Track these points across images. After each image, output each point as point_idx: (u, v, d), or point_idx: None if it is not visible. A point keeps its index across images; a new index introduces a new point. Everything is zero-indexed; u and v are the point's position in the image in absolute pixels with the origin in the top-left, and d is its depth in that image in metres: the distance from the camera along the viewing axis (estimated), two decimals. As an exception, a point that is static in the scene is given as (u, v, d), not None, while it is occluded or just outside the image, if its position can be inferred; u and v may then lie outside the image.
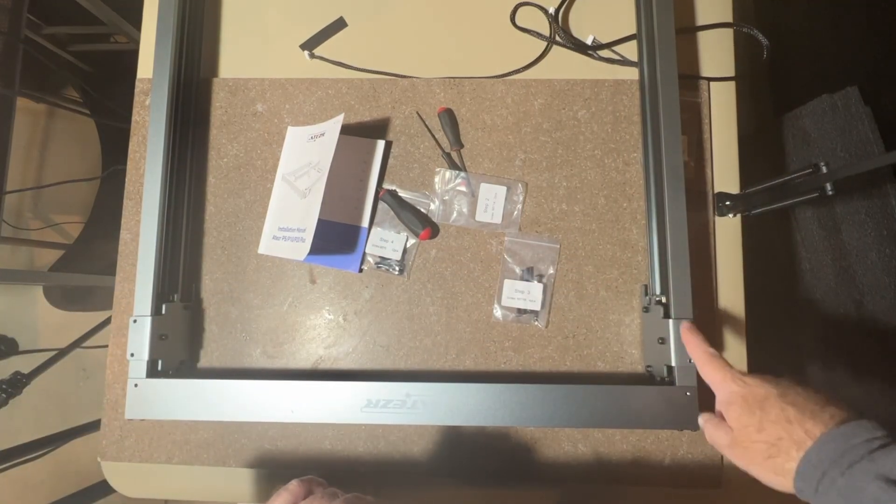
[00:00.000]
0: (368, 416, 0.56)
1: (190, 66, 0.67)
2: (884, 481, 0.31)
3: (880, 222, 0.82)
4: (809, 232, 0.96)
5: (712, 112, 0.67)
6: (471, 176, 0.66)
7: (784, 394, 0.40)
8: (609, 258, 0.64)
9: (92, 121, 1.65)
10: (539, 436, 0.62)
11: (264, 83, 0.69)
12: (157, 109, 0.62)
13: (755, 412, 0.40)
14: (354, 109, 0.68)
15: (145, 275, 0.58)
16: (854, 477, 0.32)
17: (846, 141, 0.86)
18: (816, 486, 0.34)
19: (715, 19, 0.68)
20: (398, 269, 0.64)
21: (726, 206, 0.64)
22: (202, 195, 0.67)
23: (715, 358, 0.48)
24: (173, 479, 0.64)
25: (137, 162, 0.68)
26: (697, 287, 0.57)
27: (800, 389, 0.41)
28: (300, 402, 0.57)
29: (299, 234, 0.61)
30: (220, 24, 0.72)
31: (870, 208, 0.84)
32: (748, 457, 0.40)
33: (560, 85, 0.67)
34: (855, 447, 0.33)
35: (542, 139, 0.66)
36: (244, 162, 0.68)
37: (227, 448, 0.63)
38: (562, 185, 0.65)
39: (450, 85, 0.68)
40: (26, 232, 1.64)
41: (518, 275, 0.64)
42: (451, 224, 0.65)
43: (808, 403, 0.39)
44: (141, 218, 0.59)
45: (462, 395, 0.55)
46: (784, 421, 0.38)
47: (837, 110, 0.88)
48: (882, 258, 0.82)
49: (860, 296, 0.86)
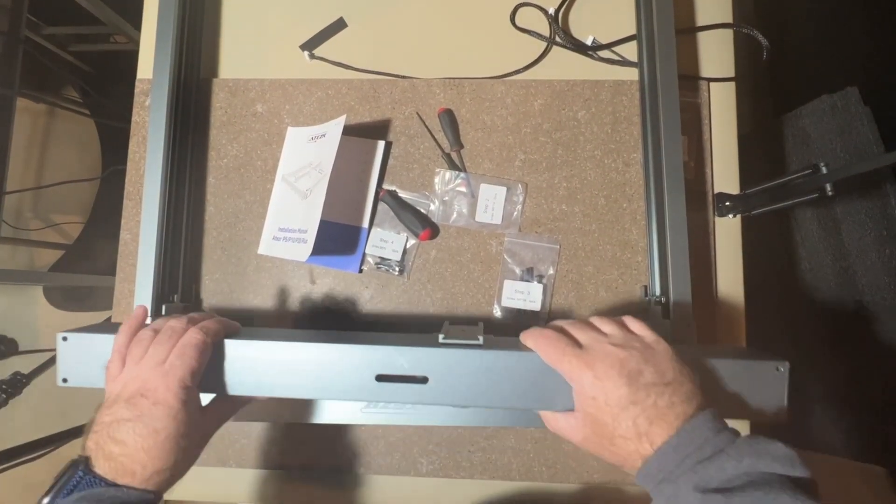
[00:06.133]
0: (368, 416, 0.56)
1: (190, 67, 0.67)
2: (700, 492, 0.34)
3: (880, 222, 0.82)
4: (809, 232, 0.96)
5: (712, 112, 0.67)
6: (471, 176, 0.66)
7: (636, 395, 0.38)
8: (609, 258, 0.64)
9: (92, 121, 1.65)
10: (539, 436, 0.62)
11: (264, 84, 0.69)
12: (157, 110, 0.62)
13: (608, 423, 0.39)
14: (354, 110, 0.68)
15: (145, 275, 0.58)
16: (678, 487, 0.35)
17: (846, 141, 0.86)
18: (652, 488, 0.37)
19: (715, 19, 0.68)
20: (398, 270, 0.64)
21: (726, 207, 0.64)
22: (202, 195, 0.67)
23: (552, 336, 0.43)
24: (173, 480, 0.64)
25: (137, 162, 0.68)
26: (697, 287, 0.57)
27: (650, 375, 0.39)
28: (301, 402, 0.57)
29: (300, 234, 0.61)
30: (220, 24, 0.72)
31: (870, 208, 0.84)
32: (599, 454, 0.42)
33: (560, 85, 0.67)
34: (688, 457, 0.36)
35: (542, 140, 0.66)
36: (244, 162, 0.68)
37: (227, 448, 0.63)
38: (562, 185, 0.65)
39: (450, 85, 0.68)
40: (26, 232, 1.64)
41: (518, 275, 0.64)
42: (451, 224, 0.65)
43: (660, 401, 0.38)
44: (141, 218, 0.59)
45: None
46: (635, 436, 0.38)
47: (837, 110, 0.88)
48: (882, 258, 0.82)
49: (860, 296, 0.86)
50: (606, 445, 0.40)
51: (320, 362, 0.46)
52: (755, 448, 0.35)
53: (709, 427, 0.37)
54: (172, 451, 0.41)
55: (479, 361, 0.45)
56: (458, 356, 0.46)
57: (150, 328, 0.46)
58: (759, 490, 0.33)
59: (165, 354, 0.43)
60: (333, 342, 0.47)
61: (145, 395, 0.41)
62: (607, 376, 0.39)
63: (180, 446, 0.41)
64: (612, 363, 0.40)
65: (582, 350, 0.42)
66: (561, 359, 0.42)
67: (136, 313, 0.49)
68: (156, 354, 0.43)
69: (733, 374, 0.45)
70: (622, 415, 0.38)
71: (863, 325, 0.87)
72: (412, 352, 0.46)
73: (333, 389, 0.46)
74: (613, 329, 0.44)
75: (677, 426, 0.37)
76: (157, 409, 0.41)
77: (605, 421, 0.39)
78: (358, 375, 0.46)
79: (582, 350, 0.42)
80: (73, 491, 0.38)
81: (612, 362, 0.40)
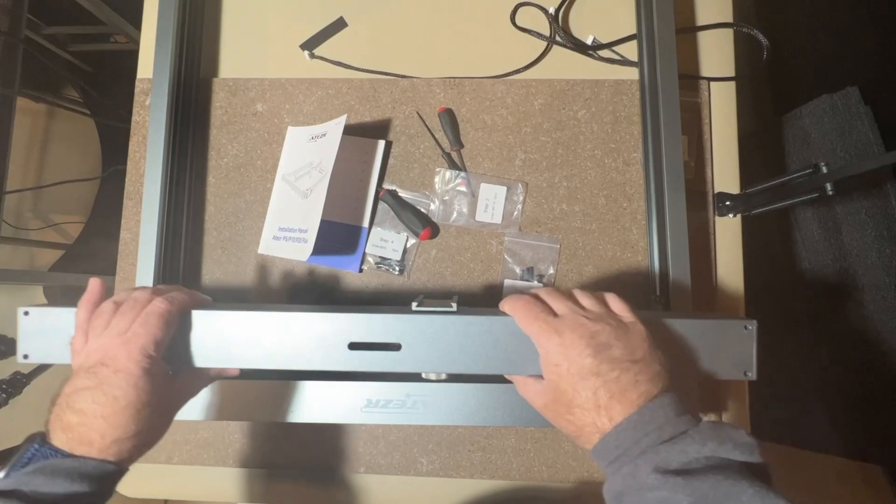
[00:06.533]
0: (368, 416, 0.56)
1: (190, 66, 0.67)
2: (660, 472, 0.33)
3: (880, 222, 0.82)
4: (809, 232, 0.96)
5: (712, 112, 0.67)
6: (471, 176, 0.66)
7: (600, 366, 0.38)
8: (609, 258, 0.64)
9: (92, 121, 1.65)
10: (539, 436, 0.62)
11: (264, 83, 0.69)
12: (157, 109, 0.62)
13: (567, 391, 0.39)
14: (355, 109, 0.68)
15: (145, 275, 0.58)
16: (637, 466, 0.35)
17: (846, 141, 0.86)
18: (606, 465, 0.37)
19: (715, 19, 0.68)
20: (398, 269, 0.64)
21: (726, 206, 0.64)
22: (202, 195, 0.67)
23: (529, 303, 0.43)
24: (173, 479, 0.64)
25: (137, 162, 0.68)
26: (697, 287, 0.57)
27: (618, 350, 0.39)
28: (300, 402, 0.57)
29: (301, 234, 0.61)
30: (220, 24, 0.72)
31: (870, 208, 0.84)
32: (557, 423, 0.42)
33: (560, 85, 0.67)
34: (648, 435, 0.36)
35: (542, 139, 0.66)
36: (244, 162, 0.68)
37: (227, 448, 0.63)
38: (562, 185, 0.65)
39: (450, 85, 0.68)
40: (26, 232, 1.64)
41: (518, 275, 0.64)
42: (451, 224, 0.65)
43: (623, 377, 0.38)
44: (141, 218, 0.59)
45: (462, 395, 0.55)
46: (593, 407, 0.38)
47: (837, 110, 0.88)
48: (882, 258, 0.82)
49: (860, 296, 0.87)
50: (564, 414, 0.40)
51: (291, 331, 0.45)
52: (718, 433, 0.35)
53: (672, 409, 0.37)
54: (133, 418, 0.40)
55: (452, 327, 0.45)
56: (430, 322, 0.45)
57: (111, 301, 0.45)
58: (719, 474, 0.33)
59: (128, 324, 0.42)
60: (305, 312, 0.46)
61: (105, 364, 0.41)
62: (573, 345, 0.39)
63: (141, 415, 0.40)
64: (582, 334, 0.40)
65: (554, 318, 0.42)
66: (532, 323, 0.42)
67: (90, 287, 0.46)
68: (118, 325, 0.42)
69: (702, 333, 0.46)
70: (582, 384, 0.38)
71: (863, 325, 0.87)
72: (385, 318, 0.45)
73: (305, 358, 0.45)
74: (592, 304, 0.43)
75: (639, 405, 0.37)
76: (117, 377, 0.40)
77: (565, 389, 0.39)
78: (330, 343, 0.45)
79: (554, 318, 0.42)
80: (29, 463, 0.38)
81: (581, 333, 0.40)
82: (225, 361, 0.46)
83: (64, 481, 0.36)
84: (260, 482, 0.63)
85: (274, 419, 0.57)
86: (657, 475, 0.33)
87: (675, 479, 0.33)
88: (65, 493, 0.36)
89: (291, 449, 0.63)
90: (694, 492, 0.32)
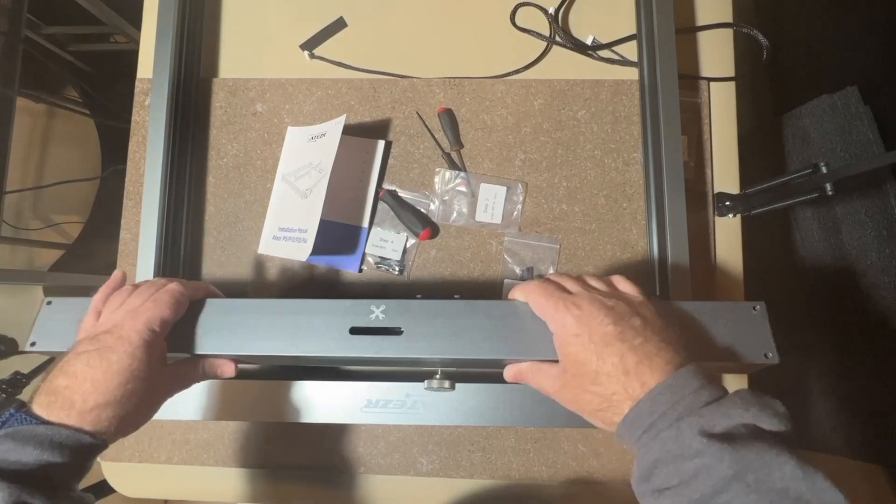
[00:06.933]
0: (368, 416, 0.56)
1: (190, 66, 0.67)
2: (706, 436, 0.32)
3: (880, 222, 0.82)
4: (809, 232, 0.96)
5: (712, 112, 0.67)
6: (471, 176, 0.66)
7: (623, 333, 0.37)
8: (609, 258, 0.64)
9: (92, 121, 1.65)
10: (539, 436, 0.62)
11: (264, 83, 0.69)
12: (157, 109, 0.62)
13: (591, 360, 0.37)
14: (354, 109, 0.68)
15: (145, 275, 0.58)
16: (681, 430, 0.33)
17: (846, 141, 0.86)
18: (640, 434, 0.35)
19: (715, 19, 0.68)
20: (398, 269, 0.64)
21: (726, 206, 0.64)
22: (202, 195, 0.67)
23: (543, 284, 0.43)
24: (173, 479, 0.64)
25: (137, 162, 0.68)
26: (697, 287, 0.57)
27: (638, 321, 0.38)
28: (300, 402, 0.57)
29: (300, 234, 0.61)
30: (220, 24, 0.72)
31: (870, 208, 0.84)
32: (577, 404, 0.40)
33: (560, 85, 0.67)
34: (685, 398, 0.34)
35: (542, 139, 0.66)
36: (244, 162, 0.68)
37: (227, 448, 0.63)
38: (562, 185, 0.65)
39: (450, 85, 0.68)
40: (26, 232, 1.63)
41: (518, 275, 0.64)
42: (451, 224, 0.65)
43: (647, 344, 0.37)
44: (141, 218, 0.59)
45: (462, 396, 0.55)
46: (621, 373, 0.36)
47: (837, 110, 0.88)
48: (882, 258, 0.82)
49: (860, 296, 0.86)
50: (588, 386, 0.38)
51: (292, 318, 0.45)
52: (760, 400, 0.34)
53: (703, 375, 0.36)
54: (119, 386, 0.39)
55: (455, 311, 0.44)
56: (433, 306, 0.45)
57: (130, 285, 0.46)
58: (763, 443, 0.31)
59: (141, 302, 0.43)
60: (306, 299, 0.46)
61: (110, 332, 0.41)
62: (592, 315, 0.38)
63: (128, 386, 0.39)
64: (599, 306, 0.39)
65: (569, 294, 0.41)
66: (548, 300, 0.41)
67: (114, 276, 0.48)
68: (131, 303, 0.43)
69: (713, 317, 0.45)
70: (607, 350, 0.37)
71: (863, 325, 0.86)
72: (387, 303, 0.45)
73: (306, 344, 0.45)
74: (602, 285, 0.43)
75: (668, 371, 0.36)
76: (117, 343, 0.40)
77: (588, 358, 0.37)
78: (332, 329, 0.45)
79: (569, 294, 0.41)
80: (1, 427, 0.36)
81: (598, 305, 0.39)
82: (224, 348, 0.45)
83: (34, 449, 0.35)
84: (260, 482, 0.63)
85: (274, 419, 0.57)
86: (702, 438, 0.32)
87: (721, 444, 0.31)
88: (35, 461, 0.35)
89: (291, 449, 0.63)
90: (739, 460, 0.30)
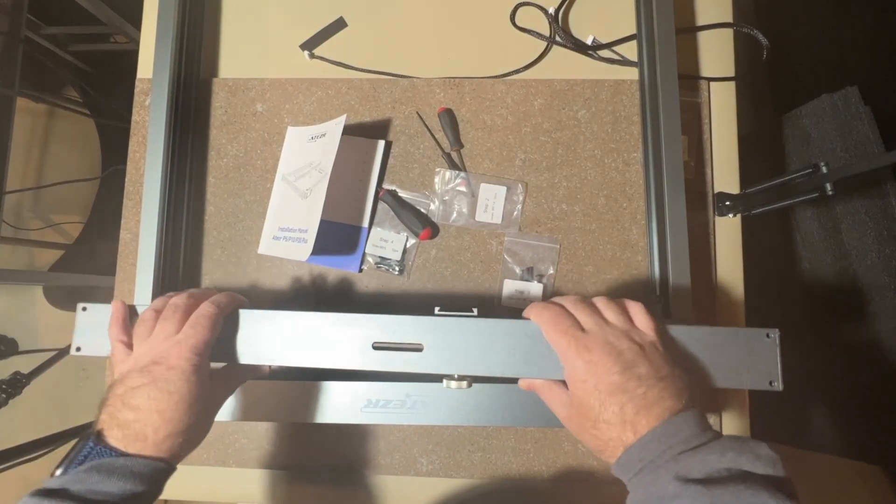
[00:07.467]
0: (368, 416, 0.56)
1: (190, 66, 0.67)
2: (681, 480, 0.34)
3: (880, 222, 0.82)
4: (809, 232, 0.96)
5: (712, 112, 0.67)
6: (471, 176, 0.66)
7: (627, 384, 0.39)
8: (609, 258, 0.64)
9: (92, 121, 1.65)
10: (539, 436, 0.62)
11: (264, 83, 0.69)
12: (157, 109, 0.62)
13: (594, 406, 0.39)
14: (354, 109, 0.68)
15: (145, 275, 0.58)
16: (658, 475, 0.35)
17: (846, 141, 0.86)
18: (631, 477, 0.38)
19: (715, 19, 0.68)
20: (398, 270, 0.64)
21: (726, 206, 0.64)
22: (202, 195, 0.67)
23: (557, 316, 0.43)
24: (173, 479, 0.64)
25: (137, 162, 0.68)
26: (697, 287, 0.57)
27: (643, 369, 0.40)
28: (300, 402, 0.57)
29: (300, 234, 0.61)
30: (220, 24, 0.72)
31: (870, 208, 0.84)
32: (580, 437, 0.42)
33: (560, 85, 0.67)
34: (671, 447, 0.36)
35: (542, 139, 0.66)
36: (244, 162, 0.68)
37: (227, 448, 0.63)
38: (562, 185, 0.65)
39: (450, 85, 0.68)
40: (26, 232, 1.64)
41: (518, 275, 0.64)
42: (451, 224, 0.65)
43: (649, 393, 0.39)
44: (141, 218, 0.59)
45: (462, 396, 0.55)
46: (619, 422, 0.38)
47: (837, 110, 0.88)
48: (882, 258, 0.82)
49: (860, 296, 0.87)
50: (588, 428, 0.40)
51: (322, 331, 0.48)
52: (738, 445, 0.35)
53: (695, 422, 0.38)
54: (186, 413, 0.41)
55: (474, 329, 0.47)
56: (452, 324, 0.47)
57: (150, 308, 0.48)
58: (741, 484, 0.33)
59: (176, 328, 0.45)
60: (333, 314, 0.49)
61: (158, 363, 0.43)
62: (601, 362, 0.40)
63: (193, 410, 0.42)
64: (609, 352, 0.40)
65: (582, 333, 0.42)
66: (560, 338, 0.42)
67: (114, 308, 0.49)
68: (164, 329, 0.45)
69: (724, 343, 0.47)
70: (609, 400, 0.39)
71: (863, 325, 0.87)
72: (408, 320, 0.48)
73: (333, 357, 0.48)
74: (617, 318, 0.44)
75: (663, 419, 0.38)
76: (171, 373, 0.42)
77: (592, 405, 0.40)
78: (356, 343, 0.48)
79: (582, 333, 0.42)
80: (84, 461, 0.39)
81: (609, 351, 0.41)
82: (262, 357, 0.49)
83: (119, 480, 0.37)
84: (259, 482, 0.63)
85: (273, 419, 0.57)
86: (678, 482, 0.34)
87: (696, 486, 0.33)
88: (120, 491, 0.37)
89: (291, 449, 0.63)
90: (715, 500, 0.32)
